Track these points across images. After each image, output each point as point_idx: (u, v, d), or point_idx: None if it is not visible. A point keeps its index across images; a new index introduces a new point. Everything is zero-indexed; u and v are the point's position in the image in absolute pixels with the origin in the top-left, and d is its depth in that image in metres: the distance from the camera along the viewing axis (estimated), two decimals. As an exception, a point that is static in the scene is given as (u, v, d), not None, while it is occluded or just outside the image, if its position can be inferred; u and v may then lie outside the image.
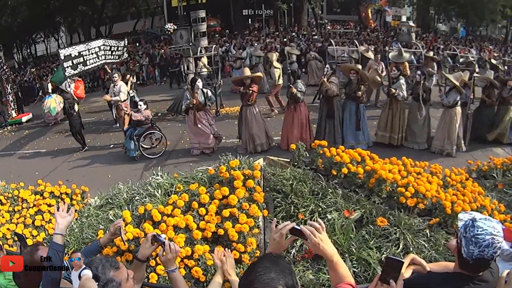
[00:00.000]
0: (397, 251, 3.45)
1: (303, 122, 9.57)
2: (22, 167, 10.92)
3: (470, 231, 2.05)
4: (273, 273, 1.66)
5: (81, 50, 11.77)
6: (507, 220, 4.38)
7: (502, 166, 6.30)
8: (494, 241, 2.01)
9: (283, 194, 3.92)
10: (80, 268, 2.17)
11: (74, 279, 2.14)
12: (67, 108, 11.68)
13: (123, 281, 2.26)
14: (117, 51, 13.78)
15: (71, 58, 11.28)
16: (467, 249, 2.06)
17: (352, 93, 9.32)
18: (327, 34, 27.06)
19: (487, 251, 2.02)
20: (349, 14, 37.73)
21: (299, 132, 9.54)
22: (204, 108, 9.80)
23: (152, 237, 2.60)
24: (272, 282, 1.63)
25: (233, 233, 3.47)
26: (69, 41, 37.35)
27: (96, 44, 12.61)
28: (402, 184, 4.05)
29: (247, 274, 1.75)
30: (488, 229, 2.02)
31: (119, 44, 13.98)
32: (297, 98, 9.31)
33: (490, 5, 28.51)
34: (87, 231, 4.15)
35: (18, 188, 5.83)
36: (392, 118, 9.57)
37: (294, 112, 9.56)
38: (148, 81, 22.57)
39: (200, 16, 14.95)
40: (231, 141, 10.87)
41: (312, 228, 2.05)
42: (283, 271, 1.69)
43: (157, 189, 4.23)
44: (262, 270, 1.68)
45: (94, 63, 12.38)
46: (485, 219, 2.08)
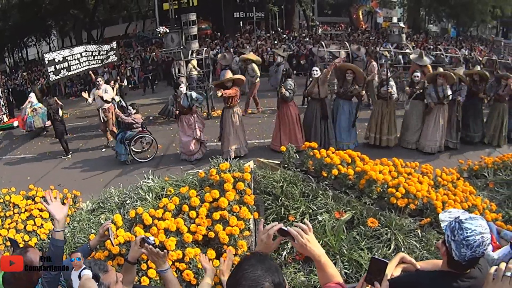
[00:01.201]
0: (388, 251, 3.46)
1: (295, 122, 9.55)
2: (13, 172, 10.85)
3: (459, 234, 2.06)
4: (259, 271, 1.67)
5: (65, 55, 11.79)
6: (498, 219, 4.41)
7: (493, 165, 6.35)
8: (484, 239, 2.03)
9: (274, 196, 3.92)
10: (80, 268, 2.17)
11: (74, 279, 2.15)
12: (51, 114, 11.60)
13: (111, 284, 2.27)
14: (99, 55, 13.72)
15: (54, 63, 11.30)
16: (459, 252, 2.06)
17: (348, 92, 9.33)
18: (318, 37, 27.11)
19: (478, 250, 2.04)
20: (340, 16, 37.85)
21: (292, 132, 9.52)
22: (190, 112, 9.70)
23: (140, 239, 2.61)
24: (259, 280, 1.63)
25: (224, 236, 3.47)
26: (60, 45, 37.17)
27: (78, 50, 12.61)
28: (393, 184, 4.06)
29: (234, 273, 1.76)
30: (476, 229, 2.03)
31: (102, 48, 13.91)
32: (285, 98, 9.29)
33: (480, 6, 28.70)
34: (79, 235, 4.12)
35: (9, 193, 5.77)
36: (382, 119, 9.60)
37: (285, 111, 9.53)
38: (139, 85, 22.46)
39: (191, 19, 14.90)
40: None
41: (298, 229, 2.04)
42: (270, 269, 1.70)
43: (148, 193, 4.23)
44: (249, 268, 1.69)
45: (76, 69, 12.41)
46: (471, 219, 2.09)
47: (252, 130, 11.80)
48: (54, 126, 11.66)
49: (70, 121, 16.18)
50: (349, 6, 35.73)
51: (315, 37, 27.23)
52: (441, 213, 2.33)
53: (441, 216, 2.28)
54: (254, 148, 10.33)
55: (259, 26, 33.70)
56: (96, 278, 2.14)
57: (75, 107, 18.86)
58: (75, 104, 19.25)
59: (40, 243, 4.88)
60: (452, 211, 2.29)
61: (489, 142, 10.00)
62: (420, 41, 26.16)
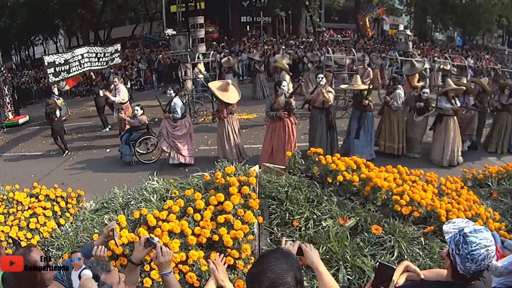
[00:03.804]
0: (391, 258, 3.46)
1: (289, 135, 8.66)
2: (17, 170, 10.88)
3: (463, 248, 2.04)
4: (284, 265, 1.70)
5: (67, 58, 11.93)
6: (502, 228, 4.40)
7: (497, 175, 6.33)
8: (488, 252, 2.01)
9: (278, 201, 3.93)
10: (80, 268, 2.17)
11: (74, 279, 2.15)
12: (48, 114, 11.61)
13: (114, 284, 2.27)
14: (104, 57, 13.79)
15: (54, 66, 11.42)
16: (464, 267, 2.05)
17: (358, 103, 9.15)
18: (325, 42, 27.12)
19: (483, 263, 2.02)
20: (347, 22, 37.85)
21: (283, 147, 8.56)
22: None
23: (145, 240, 2.60)
24: (284, 273, 1.67)
25: (228, 239, 3.48)
26: (67, 45, 37.37)
27: (79, 52, 12.74)
28: (397, 192, 4.06)
29: (258, 263, 1.77)
30: (481, 242, 2.02)
31: (106, 50, 13.98)
32: (291, 109, 8.44)
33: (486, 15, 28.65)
34: (82, 234, 4.13)
35: (13, 190, 5.80)
36: (390, 128, 9.47)
37: (279, 124, 8.61)
38: (145, 86, 22.56)
39: (198, 22, 15.00)
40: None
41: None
42: (293, 265, 1.74)
43: (152, 194, 4.23)
44: (275, 261, 1.71)
45: (76, 71, 12.51)
46: (475, 231, 2.07)
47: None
48: (52, 127, 11.67)
49: (75, 120, 16.26)
50: (356, 13, 35.67)
51: (321, 42, 27.23)
52: (445, 224, 2.29)
53: (445, 227, 2.25)
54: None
55: (266, 30, 33.69)
56: (96, 278, 2.14)
57: (81, 107, 18.92)
58: (80, 103, 19.31)
59: (43, 241, 4.87)
60: (456, 221, 2.26)
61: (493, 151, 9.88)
62: (426, 48, 26.12)
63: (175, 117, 9.45)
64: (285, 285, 1.65)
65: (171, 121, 9.54)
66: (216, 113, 9.49)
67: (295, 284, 1.68)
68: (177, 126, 9.59)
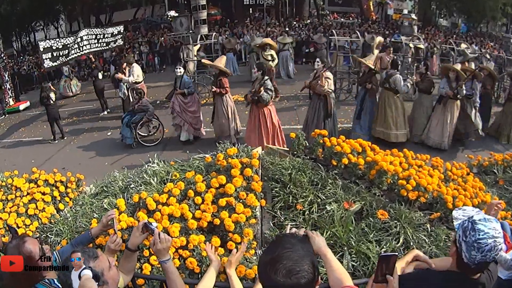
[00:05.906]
0: (397, 245, 3.37)
1: (270, 127, 8.46)
2: (18, 155, 10.85)
3: (471, 235, 1.98)
4: (301, 251, 1.61)
5: (67, 43, 11.89)
6: (508, 217, 4.31)
7: (502, 163, 6.23)
8: (496, 243, 1.95)
9: (282, 184, 3.82)
10: (80, 268, 2.09)
11: (74, 279, 2.07)
12: (43, 97, 11.54)
13: (105, 270, 2.18)
14: (104, 38, 13.66)
15: (52, 51, 11.39)
16: (469, 255, 1.99)
17: (363, 83, 9.33)
18: (329, 25, 26.88)
19: (489, 255, 1.96)
20: (351, 6, 37.46)
21: (256, 131, 8.48)
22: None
23: (143, 225, 2.51)
24: (302, 260, 1.57)
25: (230, 223, 3.37)
26: (68, 29, 37.02)
27: (79, 35, 12.65)
28: (403, 176, 3.97)
29: (271, 250, 1.66)
30: (489, 232, 1.96)
31: (106, 31, 13.86)
32: (262, 100, 8.10)
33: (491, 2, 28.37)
34: (81, 219, 4.05)
35: (12, 176, 5.72)
36: (385, 113, 9.26)
37: (258, 114, 8.45)
38: (147, 69, 22.40)
39: (200, 4, 14.81)
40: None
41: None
42: (309, 251, 1.67)
43: (152, 177, 4.15)
44: (291, 247, 1.62)
45: (75, 54, 12.52)
46: (485, 220, 2.01)
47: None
48: (48, 110, 11.60)
49: (77, 104, 16.24)
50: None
51: (324, 25, 26.98)
52: (455, 210, 2.24)
53: (455, 213, 2.20)
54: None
55: (269, 13, 33.39)
56: (96, 278, 2.06)
57: (82, 90, 18.82)
58: (82, 87, 19.15)
59: (42, 227, 4.80)
60: (466, 209, 2.21)
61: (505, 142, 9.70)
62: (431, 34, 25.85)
63: (190, 92, 9.96)
64: (303, 272, 1.55)
65: (182, 98, 9.96)
66: (222, 89, 9.39)
67: (313, 271, 1.58)
68: (188, 102, 10.02)
